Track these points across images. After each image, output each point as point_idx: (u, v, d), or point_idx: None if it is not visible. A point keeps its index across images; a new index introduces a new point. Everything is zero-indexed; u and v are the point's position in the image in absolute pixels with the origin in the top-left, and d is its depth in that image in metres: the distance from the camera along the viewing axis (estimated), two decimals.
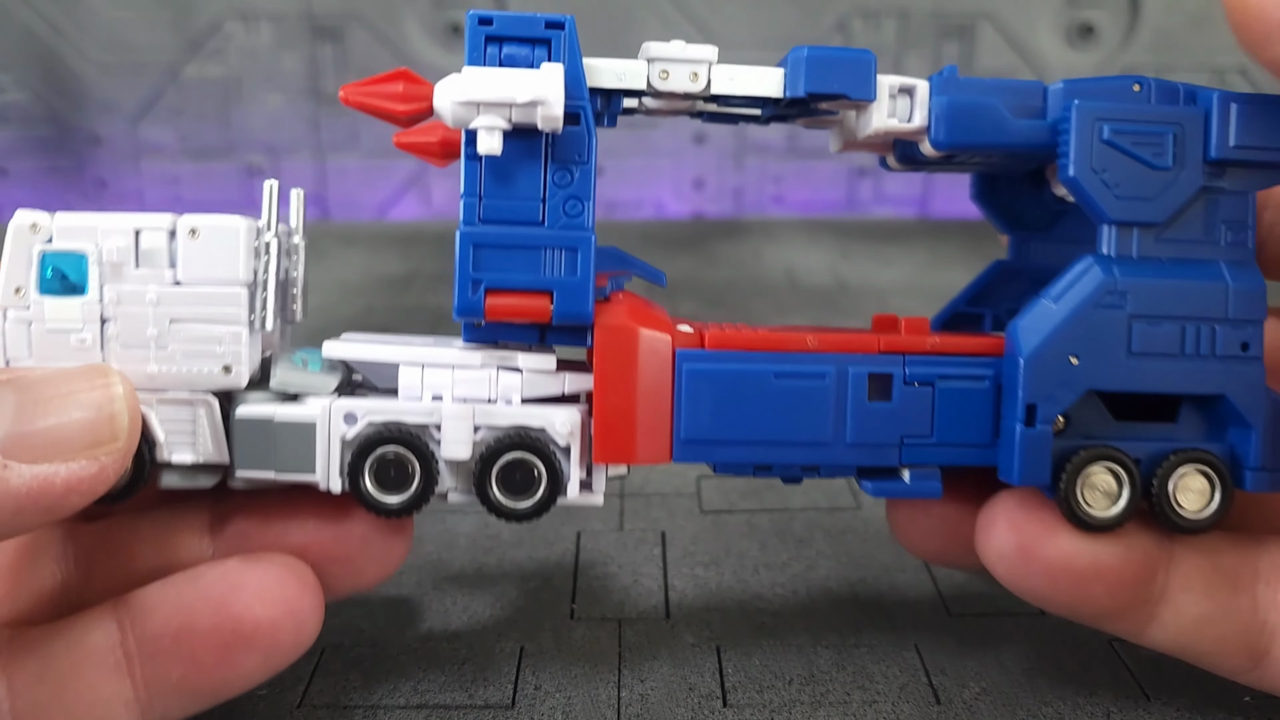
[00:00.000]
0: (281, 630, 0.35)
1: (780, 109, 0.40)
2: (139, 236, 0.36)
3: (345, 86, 0.36)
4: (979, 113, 0.37)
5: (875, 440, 0.38)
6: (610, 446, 0.37)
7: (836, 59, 0.37)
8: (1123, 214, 0.37)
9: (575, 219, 0.36)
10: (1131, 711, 0.41)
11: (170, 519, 0.40)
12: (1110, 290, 0.36)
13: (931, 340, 0.38)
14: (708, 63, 0.37)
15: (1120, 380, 0.37)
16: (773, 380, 0.37)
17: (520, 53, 0.36)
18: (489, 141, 0.34)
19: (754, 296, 0.96)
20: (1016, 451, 0.36)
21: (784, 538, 0.54)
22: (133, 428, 0.33)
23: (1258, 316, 0.37)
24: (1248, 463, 0.37)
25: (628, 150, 1.20)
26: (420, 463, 0.36)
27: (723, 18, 1.18)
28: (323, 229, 1.16)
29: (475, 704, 0.41)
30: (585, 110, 0.36)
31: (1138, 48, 1.19)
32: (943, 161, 0.41)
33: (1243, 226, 0.37)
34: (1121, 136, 0.36)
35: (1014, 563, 0.36)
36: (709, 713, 0.40)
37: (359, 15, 1.17)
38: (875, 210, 1.24)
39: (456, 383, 0.37)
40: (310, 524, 0.38)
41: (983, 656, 0.44)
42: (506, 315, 0.36)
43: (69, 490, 0.31)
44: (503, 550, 0.53)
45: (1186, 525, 0.37)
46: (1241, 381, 0.37)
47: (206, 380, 0.36)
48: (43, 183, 1.20)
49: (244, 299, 0.36)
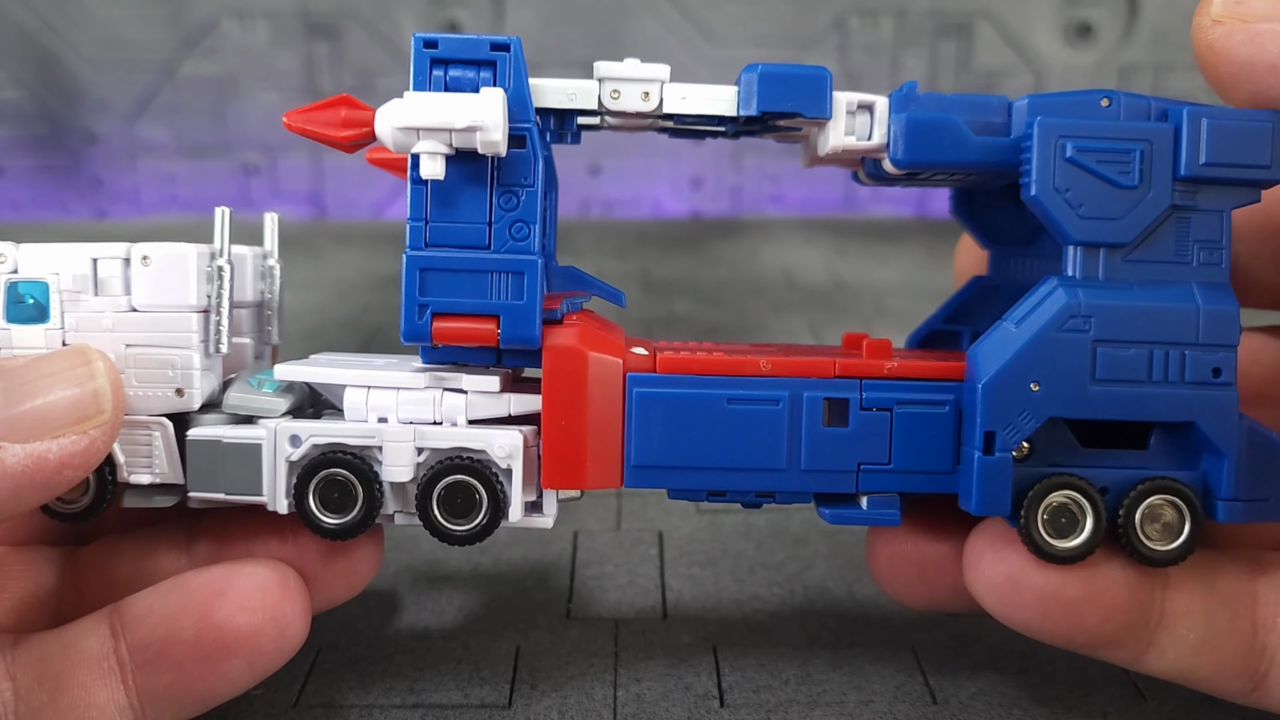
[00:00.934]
0: (264, 637, 0.35)
1: (742, 125, 0.39)
2: (96, 265, 0.37)
3: (288, 113, 0.36)
4: (939, 130, 0.37)
5: (831, 467, 0.37)
6: (558, 471, 0.36)
7: (789, 76, 0.37)
8: (1087, 235, 0.35)
9: (522, 242, 0.36)
10: (1127, 711, 0.41)
11: (151, 538, 0.41)
12: (1074, 314, 0.35)
13: (889, 364, 0.37)
14: (659, 81, 0.37)
15: (1083, 408, 0.35)
16: (725, 405, 0.36)
17: (466, 75, 0.35)
18: (431, 167, 0.34)
19: (751, 296, 0.95)
20: (975, 480, 0.35)
21: (780, 538, 0.54)
22: (116, 401, 0.34)
23: (1230, 341, 0.35)
24: (1219, 493, 0.36)
25: (625, 149, 1.20)
26: (363, 486, 0.37)
27: (720, 16, 1.18)
28: (319, 228, 1.16)
29: (471, 704, 0.41)
30: (531, 133, 0.36)
31: (1136, 46, 1.19)
32: (909, 178, 0.40)
33: (1216, 246, 0.36)
34: (1085, 154, 0.35)
35: (1005, 594, 0.36)
36: (705, 712, 0.40)
37: (355, 13, 1.17)
38: (873, 209, 1.24)
39: (401, 404, 0.37)
40: (272, 543, 0.39)
41: (979, 656, 0.44)
42: (454, 339, 0.36)
43: (62, 465, 0.32)
44: (499, 550, 0.53)
45: (1155, 558, 0.36)
46: (1212, 409, 0.35)
47: (161, 404, 0.37)
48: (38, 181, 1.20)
49: (195, 323, 0.37)
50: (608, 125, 0.40)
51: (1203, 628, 0.36)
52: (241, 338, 0.41)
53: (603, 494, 0.59)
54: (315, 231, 1.14)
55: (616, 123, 0.39)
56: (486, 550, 0.53)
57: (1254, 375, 0.42)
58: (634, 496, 0.59)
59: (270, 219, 0.43)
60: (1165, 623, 0.36)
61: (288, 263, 0.44)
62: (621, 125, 0.39)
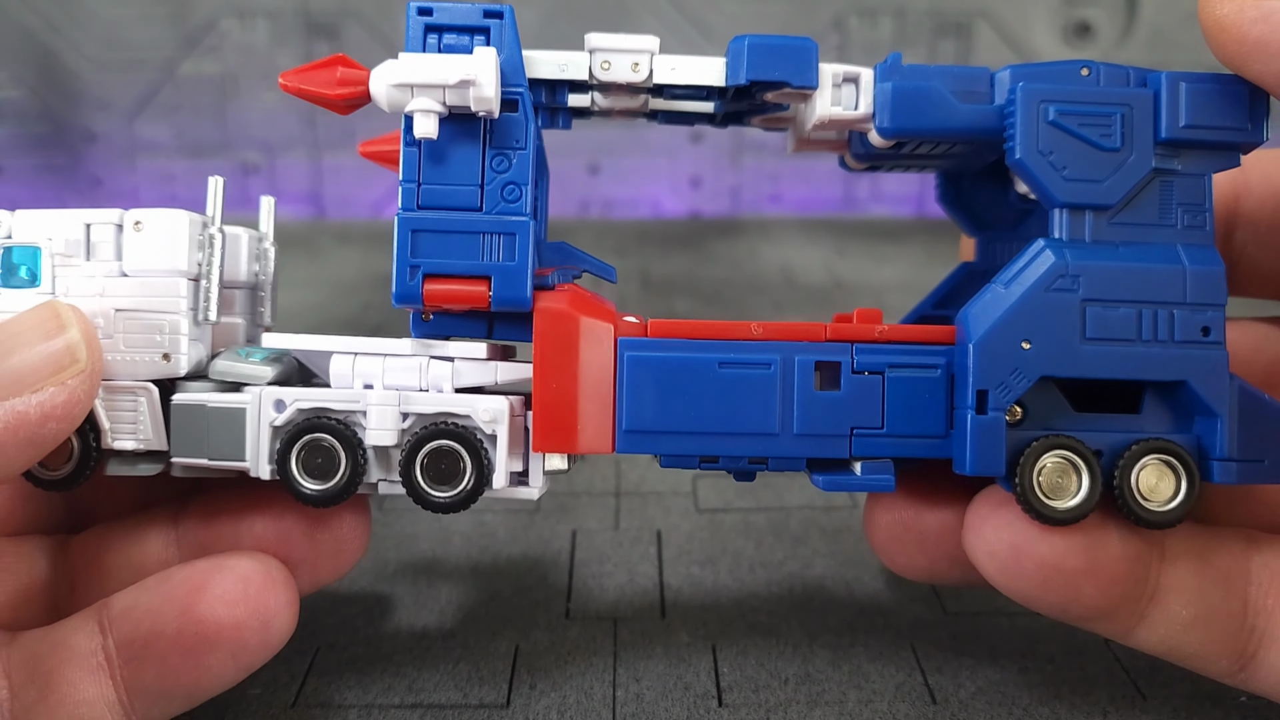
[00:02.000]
0: (247, 630, 0.35)
1: (729, 103, 0.39)
2: (89, 230, 0.37)
3: (284, 74, 0.36)
4: (924, 98, 0.37)
5: (824, 431, 0.37)
6: (549, 434, 0.36)
7: (777, 46, 0.37)
8: (1073, 196, 0.36)
9: (513, 204, 0.36)
10: (1127, 710, 0.41)
11: (139, 526, 0.41)
12: (1062, 274, 0.35)
13: (880, 328, 0.37)
14: (649, 52, 0.38)
15: (1075, 366, 0.36)
16: (716, 369, 0.36)
17: (459, 42, 0.36)
18: (425, 125, 0.35)
19: (751, 295, 0.95)
20: (969, 440, 0.35)
21: (780, 536, 0.54)
22: (92, 352, 0.34)
23: (1218, 300, 0.36)
24: (1214, 453, 0.36)
25: (624, 148, 1.20)
26: (346, 451, 0.36)
27: (720, 15, 1.18)
28: (318, 227, 1.15)
29: (470, 703, 0.41)
30: (523, 97, 0.36)
31: (1135, 46, 1.19)
32: (896, 155, 0.40)
33: (1200, 209, 0.37)
34: (1068, 118, 0.36)
35: (1006, 561, 0.36)
36: (704, 712, 0.40)
37: (355, 12, 1.17)
38: (872, 209, 1.24)
39: (387, 371, 0.37)
40: (258, 526, 0.39)
41: (978, 655, 0.44)
42: (444, 301, 0.36)
43: (45, 418, 0.32)
44: (498, 548, 0.53)
45: (1152, 519, 0.36)
46: (1203, 367, 0.36)
47: (147, 369, 0.37)
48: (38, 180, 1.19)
49: (184, 288, 0.37)
50: (598, 108, 0.39)
51: (1195, 604, 0.36)
52: (234, 317, 0.41)
53: (601, 493, 0.59)
54: (314, 231, 1.14)
55: (606, 103, 0.39)
56: (486, 549, 0.53)
57: (1258, 365, 0.42)
58: (633, 496, 0.59)
59: (266, 202, 0.43)
60: (1158, 597, 0.36)
61: (287, 262, 0.44)
62: (611, 108, 0.39)
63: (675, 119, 0.41)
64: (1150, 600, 0.36)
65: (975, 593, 0.49)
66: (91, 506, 0.43)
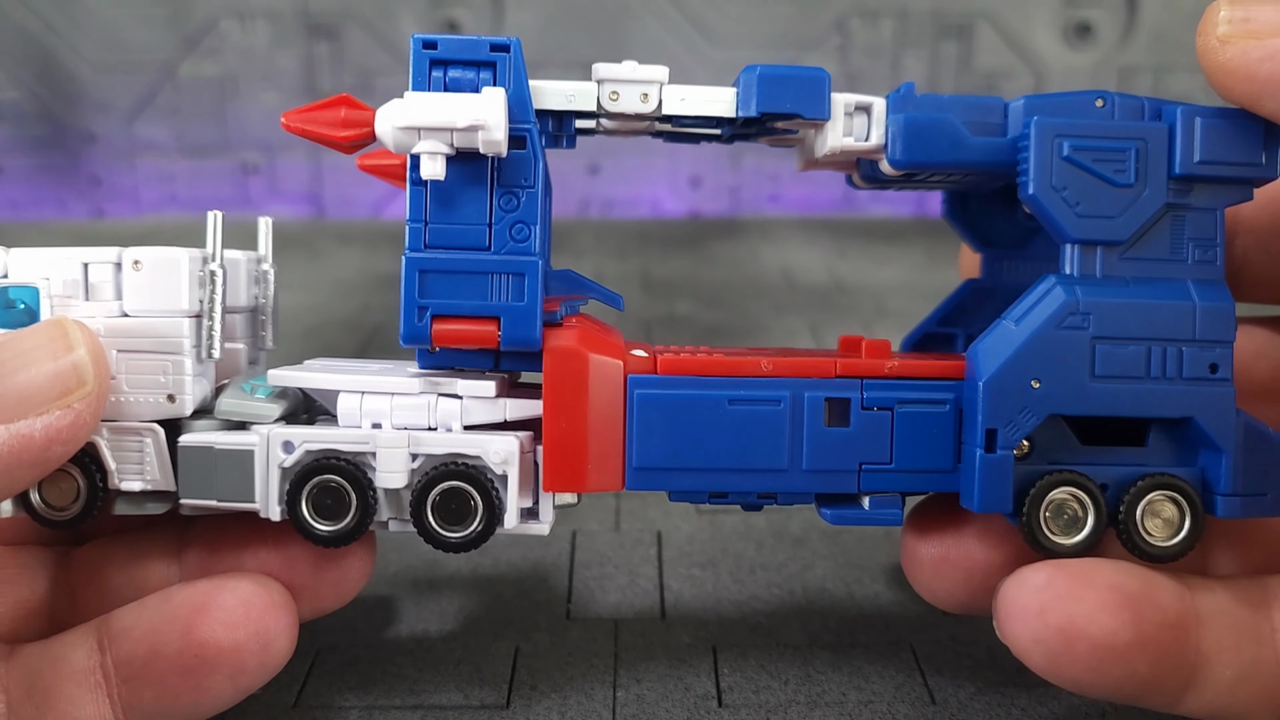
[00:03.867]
0: (246, 653, 0.34)
1: (738, 129, 0.39)
2: (87, 270, 0.36)
3: (286, 113, 0.36)
4: (937, 131, 0.37)
5: (833, 467, 0.37)
6: (559, 474, 0.36)
7: (789, 78, 0.37)
8: (1085, 233, 0.36)
9: (522, 244, 0.35)
10: (1127, 711, 0.41)
11: (142, 543, 0.40)
12: (1073, 311, 0.35)
13: (890, 364, 0.37)
14: (658, 83, 0.37)
15: (1084, 404, 0.36)
16: (726, 406, 0.36)
17: (465, 76, 0.35)
18: (432, 167, 0.34)
19: (751, 296, 0.95)
20: (976, 478, 0.35)
21: (780, 538, 0.54)
22: (99, 371, 0.33)
23: (1226, 337, 0.36)
24: (1218, 488, 0.36)
25: (624, 148, 1.20)
26: (356, 492, 0.36)
27: (721, 16, 1.18)
28: (318, 227, 1.15)
29: (471, 704, 0.41)
30: (531, 134, 0.35)
31: (1135, 47, 1.19)
32: (905, 180, 0.40)
33: (1211, 244, 0.36)
34: (1082, 153, 0.36)
35: (1055, 649, 0.33)
36: (705, 713, 0.40)
37: (355, 13, 1.17)
38: (872, 209, 1.24)
39: (395, 410, 0.36)
40: (262, 552, 0.38)
41: (978, 656, 0.44)
42: (454, 341, 0.36)
43: (50, 441, 0.32)
44: (498, 551, 0.53)
45: (1156, 553, 0.36)
46: (1210, 404, 0.36)
47: (152, 410, 0.36)
48: (37, 181, 1.20)
49: (187, 328, 0.36)
50: (603, 129, 0.39)
51: (1235, 663, 0.35)
52: (235, 343, 0.41)
53: (602, 495, 0.59)
54: (314, 231, 1.14)
55: (612, 126, 0.39)
56: (486, 551, 0.53)
57: (1259, 370, 0.42)
58: (633, 497, 0.59)
59: (264, 223, 0.42)
60: (1201, 661, 0.35)
61: (287, 262, 0.44)
62: (617, 129, 0.39)
63: (681, 138, 0.40)
64: (1194, 666, 0.35)
65: None
66: (96, 520, 0.43)
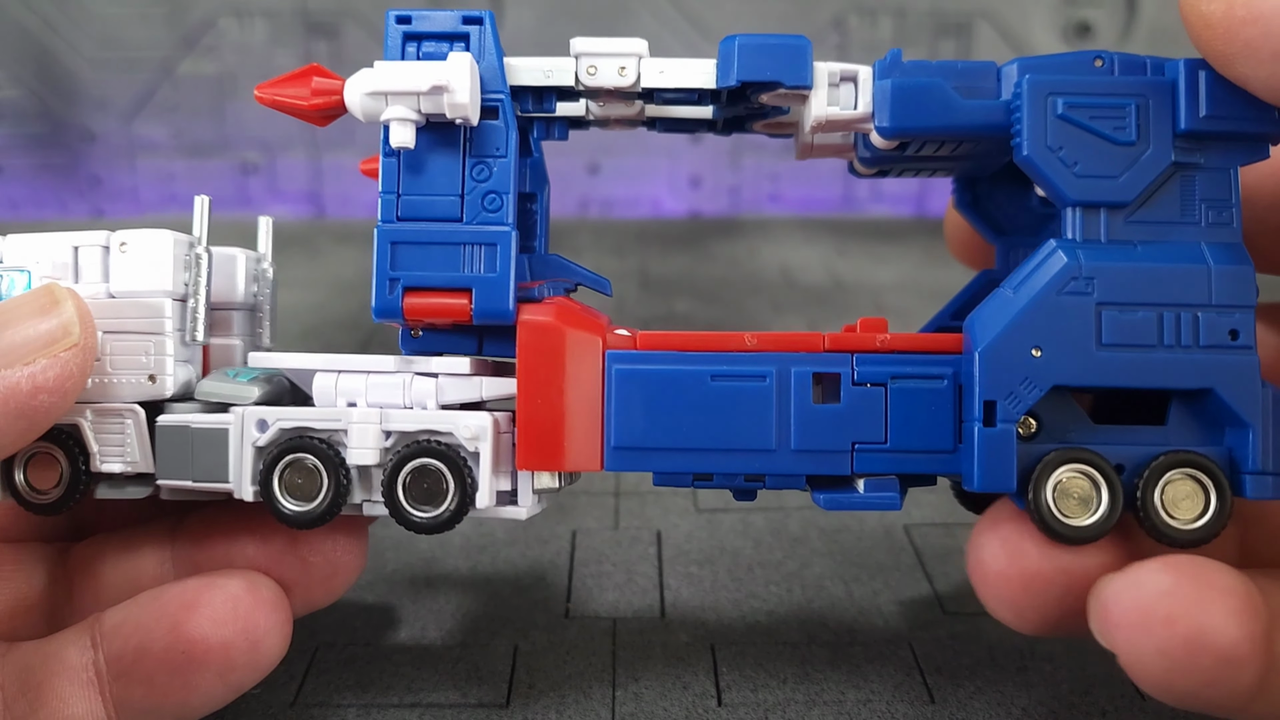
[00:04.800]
0: (235, 650, 0.34)
1: (727, 108, 0.38)
2: (77, 252, 0.37)
3: (259, 85, 0.36)
4: (925, 94, 0.35)
5: (824, 447, 0.35)
6: (534, 452, 0.35)
7: (769, 45, 0.36)
8: (1085, 194, 0.34)
9: (495, 214, 0.35)
10: (1127, 710, 0.41)
11: (136, 539, 0.40)
12: (1075, 275, 0.33)
13: (883, 337, 0.36)
14: (636, 56, 0.36)
15: (1090, 374, 0.33)
16: (709, 382, 0.35)
17: (439, 50, 0.35)
18: (401, 134, 0.34)
19: (750, 295, 0.95)
20: (976, 454, 0.33)
21: (779, 536, 0.54)
22: (86, 329, 0.34)
23: (1247, 301, 0.33)
24: (1246, 466, 0.33)
25: (624, 148, 1.20)
26: (329, 471, 0.35)
27: (720, 15, 1.18)
28: (318, 226, 1.15)
29: (469, 703, 0.41)
30: (503, 104, 0.35)
31: (1135, 46, 1.19)
32: (903, 157, 0.39)
33: (1226, 205, 0.34)
34: (1077, 110, 0.34)
35: (1180, 659, 0.30)
36: (703, 711, 0.40)
37: (353, 12, 1.17)
38: (872, 209, 1.24)
39: (370, 388, 0.36)
40: (249, 548, 0.38)
41: (977, 655, 0.44)
42: (425, 314, 0.35)
43: (36, 390, 0.32)
44: (497, 549, 0.53)
45: (1179, 537, 0.33)
46: (1231, 373, 0.33)
47: (134, 390, 0.37)
48: (36, 180, 1.19)
49: (169, 309, 0.37)
50: (594, 116, 0.39)
51: None
52: (231, 339, 0.41)
53: (600, 493, 0.59)
54: (314, 230, 1.14)
55: (601, 113, 0.38)
56: (485, 550, 0.53)
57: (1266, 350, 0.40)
58: (632, 496, 0.59)
59: (265, 222, 0.43)
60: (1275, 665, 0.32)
61: (287, 262, 0.44)
62: (608, 116, 0.39)
63: (675, 127, 0.40)
64: (1273, 670, 0.32)
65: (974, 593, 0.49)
66: (93, 516, 0.43)
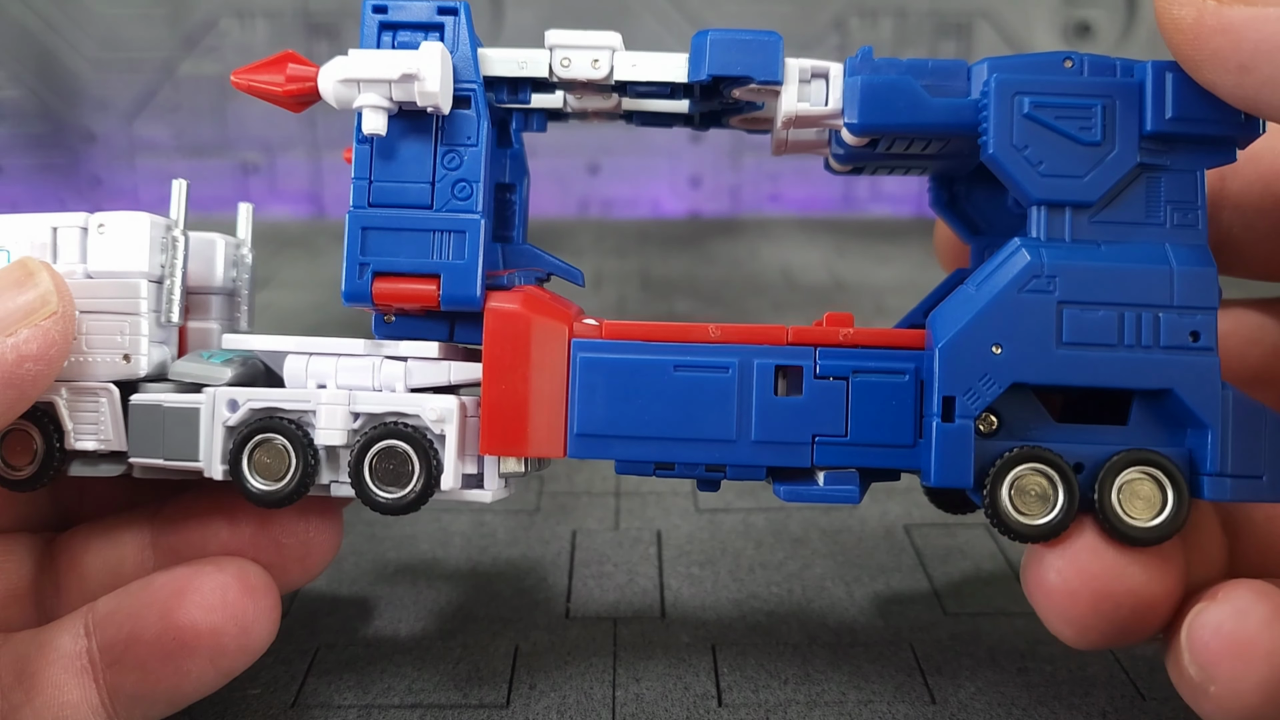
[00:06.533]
0: (225, 635, 0.35)
1: (701, 102, 0.39)
2: (56, 233, 0.37)
3: (235, 71, 0.36)
4: (894, 92, 0.35)
5: (784, 439, 0.35)
6: (498, 436, 0.36)
7: (740, 41, 0.36)
8: (1049, 193, 0.34)
9: (464, 201, 0.36)
10: (1126, 711, 0.41)
11: (118, 528, 0.41)
12: (1036, 274, 0.34)
13: (846, 331, 0.36)
14: (610, 49, 0.37)
15: (1049, 373, 0.33)
16: (672, 372, 0.35)
17: (414, 39, 0.36)
18: (373, 121, 0.34)
19: (750, 295, 0.95)
20: (933, 448, 0.34)
21: (780, 537, 0.54)
22: (64, 299, 0.34)
23: (1208, 303, 0.33)
24: (1204, 467, 0.33)
25: (624, 148, 1.20)
26: (297, 451, 0.36)
27: (720, 15, 1.18)
28: (318, 226, 1.15)
29: (470, 703, 0.41)
30: (476, 94, 0.36)
31: (1135, 46, 1.19)
32: (875, 155, 0.39)
33: (1191, 207, 0.34)
34: (1043, 110, 0.34)
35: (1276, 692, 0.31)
36: (704, 712, 0.40)
37: (354, 12, 1.17)
38: (872, 209, 1.24)
39: (340, 370, 0.37)
40: (223, 532, 0.39)
41: (978, 656, 0.44)
42: (393, 300, 0.36)
43: (21, 359, 0.33)
44: (497, 549, 0.53)
45: (1136, 535, 0.33)
46: (1191, 374, 0.33)
47: (109, 370, 0.37)
48: (37, 180, 1.19)
49: (144, 289, 0.37)
50: (571, 109, 0.39)
51: None
52: (209, 322, 0.41)
53: (601, 493, 0.59)
54: (314, 230, 1.14)
55: (579, 105, 0.39)
56: (485, 550, 0.53)
57: (1252, 356, 0.41)
58: (633, 496, 0.59)
59: (244, 209, 0.43)
60: None
61: (287, 261, 0.44)
62: (585, 109, 0.39)
63: (652, 120, 0.40)
64: None
65: (975, 594, 0.49)
66: (76, 506, 0.43)
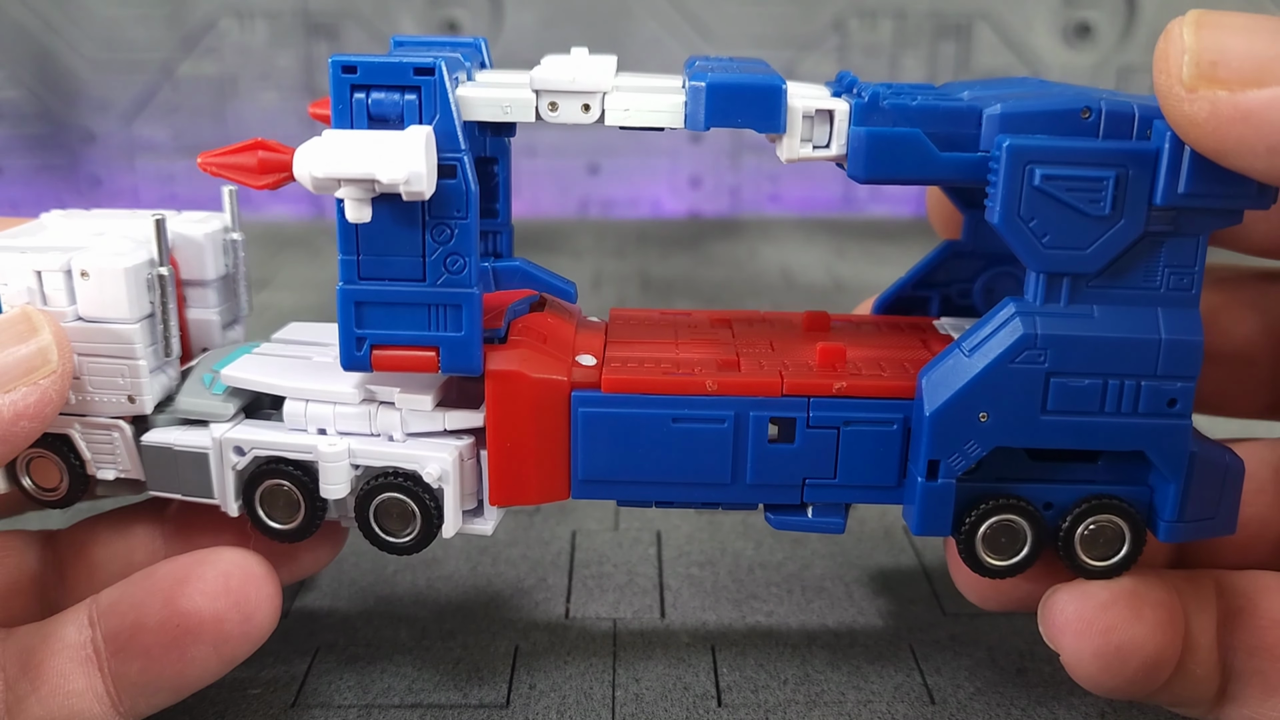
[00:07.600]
0: (228, 622, 0.35)
1: None
2: (41, 277, 0.36)
3: (203, 154, 0.35)
4: (900, 146, 0.34)
5: (776, 481, 0.37)
6: (505, 489, 0.37)
7: (739, 89, 0.34)
8: (1051, 264, 0.34)
9: (458, 275, 0.34)
10: (1125, 710, 0.41)
11: (127, 519, 0.41)
12: (1030, 346, 0.34)
13: (838, 384, 0.36)
14: (600, 94, 0.35)
15: (1030, 437, 0.35)
16: (670, 424, 0.36)
17: (390, 98, 0.33)
18: (357, 212, 0.33)
19: (750, 295, 0.95)
20: (917, 504, 0.36)
21: (779, 537, 0.54)
22: (63, 354, 0.34)
23: (1190, 373, 0.34)
24: (1163, 514, 0.35)
25: (624, 148, 1.20)
26: (304, 496, 0.37)
27: (719, 16, 1.18)
28: (318, 227, 1.15)
29: (470, 703, 0.41)
30: (461, 163, 0.33)
31: (1135, 47, 1.19)
32: None
33: (1188, 271, 0.34)
34: (1054, 182, 0.33)
35: (1112, 663, 0.34)
36: (704, 712, 0.40)
37: (354, 13, 1.17)
38: (871, 209, 1.24)
39: (337, 418, 0.37)
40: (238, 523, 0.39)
41: (977, 656, 0.44)
42: (394, 367, 0.35)
43: (17, 416, 0.33)
44: (497, 549, 0.53)
45: (1094, 572, 0.36)
46: (1163, 439, 0.35)
47: (115, 408, 0.38)
48: (36, 180, 1.19)
49: (137, 334, 0.37)
50: None
51: None
52: (209, 312, 0.42)
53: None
54: (314, 231, 1.14)
55: None
56: (485, 550, 0.53)
57: (1238, 335, 0.41)
58: None
59: (228, 192, 0.42)
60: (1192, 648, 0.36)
61: (287, 262, 0.44)
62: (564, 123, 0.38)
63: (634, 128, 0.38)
64: (1189, 654, 0.36)
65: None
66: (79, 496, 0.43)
